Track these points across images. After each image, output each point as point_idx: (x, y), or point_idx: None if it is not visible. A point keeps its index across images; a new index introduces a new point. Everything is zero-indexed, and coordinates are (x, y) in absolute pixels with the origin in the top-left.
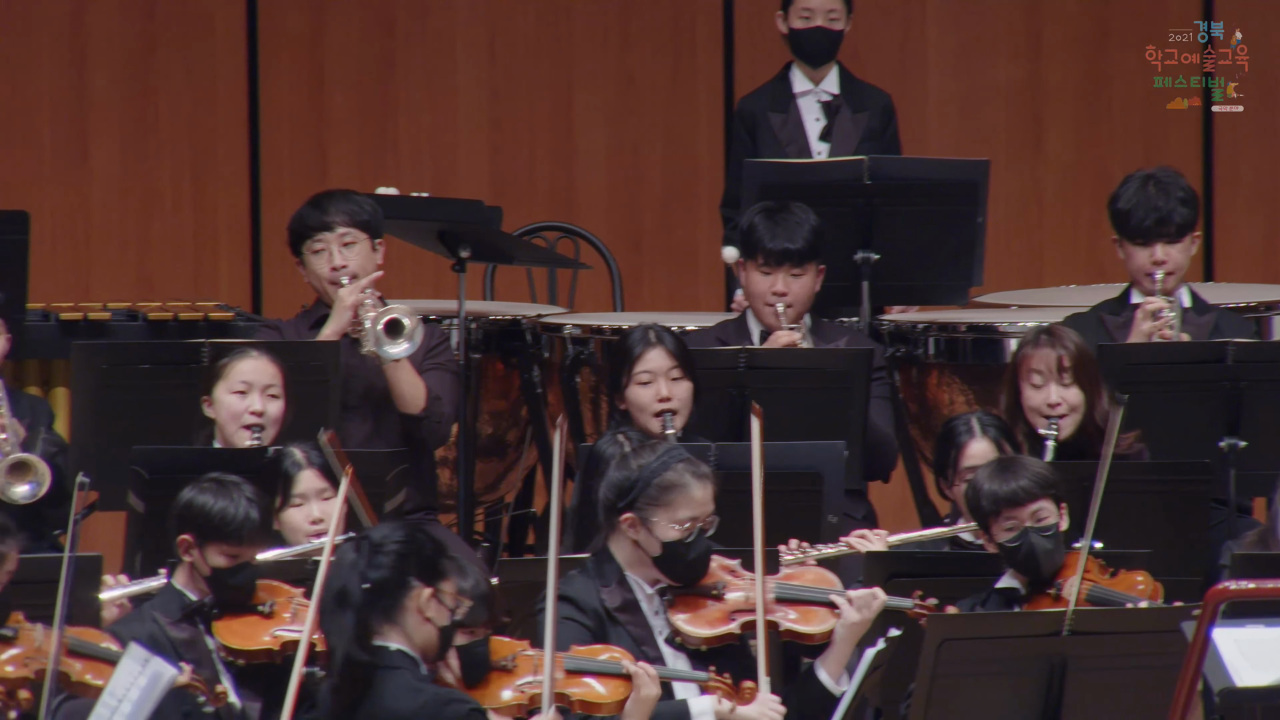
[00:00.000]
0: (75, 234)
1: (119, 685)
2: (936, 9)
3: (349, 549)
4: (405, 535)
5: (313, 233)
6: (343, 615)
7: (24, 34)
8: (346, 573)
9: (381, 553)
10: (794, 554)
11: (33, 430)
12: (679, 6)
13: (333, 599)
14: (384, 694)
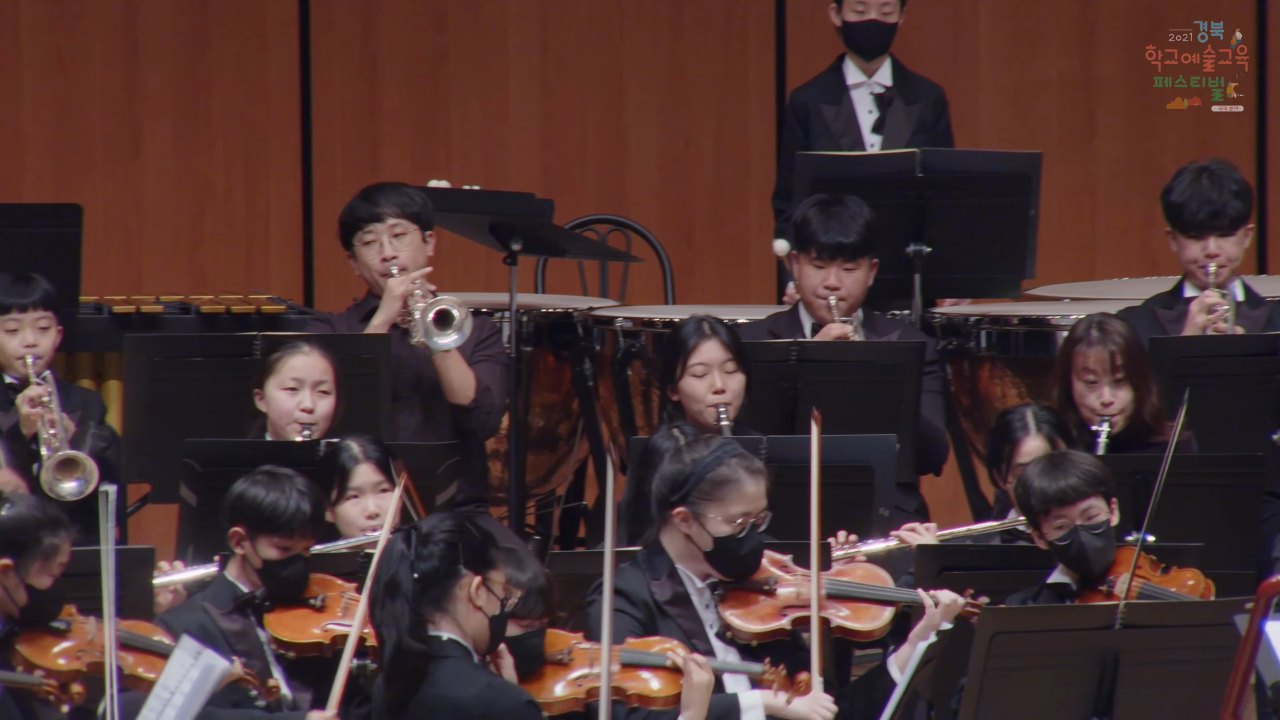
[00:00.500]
0: (128, 227)
1: (171, 678)
2: (989, 1)
3: (398, 540)
4: (453, 525)
5: (363, 224)
6: (394, 605)
7: (77, 28)
8: (397, 563)
9: (430, 543)
10: (842, 548)
11: (83, 425)
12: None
13: (384, 590)
14: (438, 681)
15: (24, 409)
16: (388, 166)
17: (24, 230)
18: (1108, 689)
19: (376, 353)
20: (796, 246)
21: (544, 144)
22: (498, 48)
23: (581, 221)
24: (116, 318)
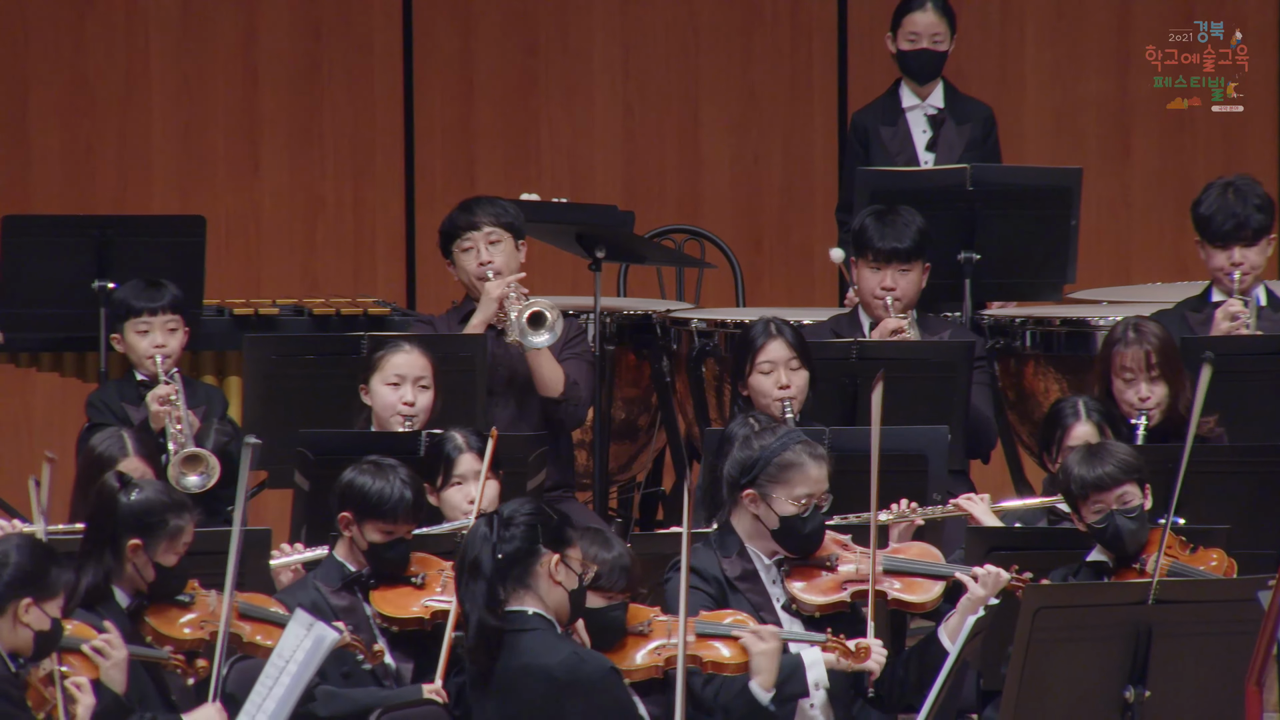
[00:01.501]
0: (247, 236)
1: (286, 647)
2: (1034, 28)
3: (482, 524)
4: (532, 509)
5: (461, 233)
6: (476, 585)
7: (201, 56)
8: (479, 546)
9: (512, 525)
10: (903, 513)
11: (207, 420)
12: (797, 27)
13: (467, 570)
14: (526, 650)
15: (153, 406)
16: (483, 180)
17: (153, 240)
18: (1141, 659)
19: (473, 351)
20: (855, 252)
21: (626, 160)
22: (584, 71)
23: (660, 231)
24: (236, 319)
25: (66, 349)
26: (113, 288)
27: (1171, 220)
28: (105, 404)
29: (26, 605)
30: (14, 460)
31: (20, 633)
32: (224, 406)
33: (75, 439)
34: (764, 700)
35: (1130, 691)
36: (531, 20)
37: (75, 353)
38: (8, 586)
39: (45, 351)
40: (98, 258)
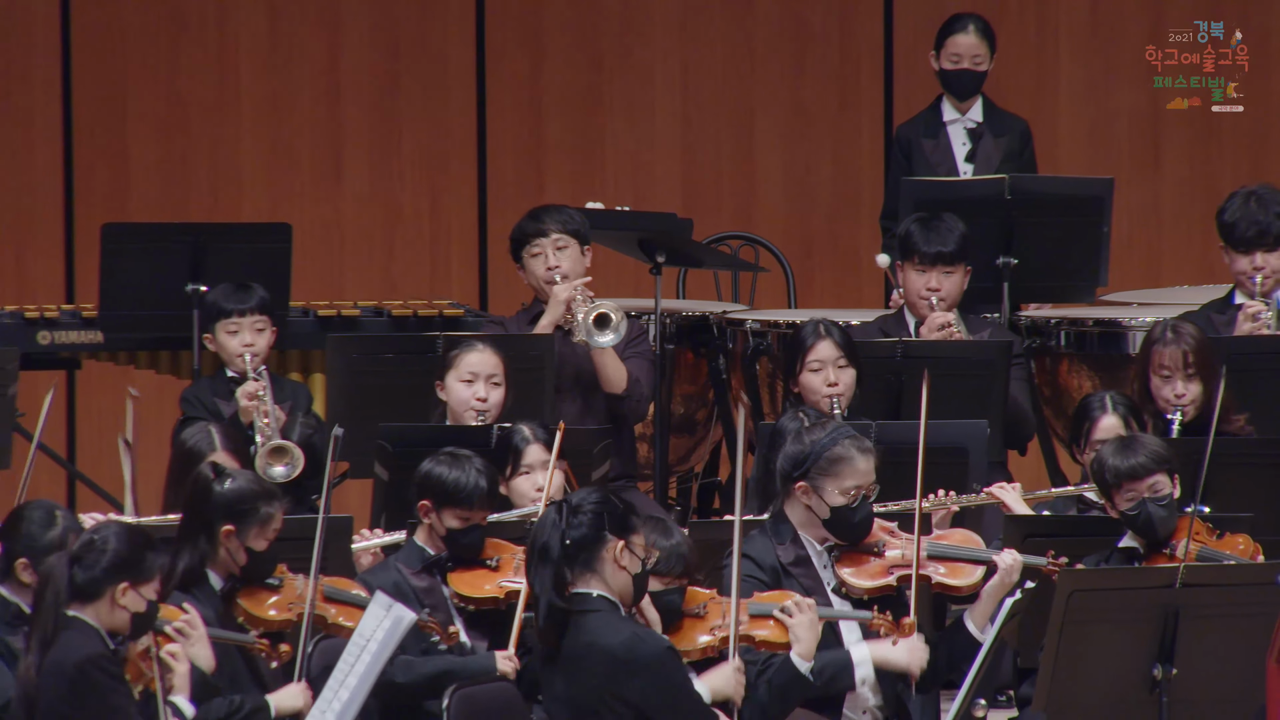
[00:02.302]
0: (330, 242)
1: (367, 627)
2: (1068, 46)
3: (552, 511)
4: (599, 497)
5: (531, 239)
6: (545, 568)
7: (288, 74)
8: (549, 532)
9: (580, 513)
10: (940, 501)
11: (292, 414)
12: (845, 46)
13: (537, 554)
14: (590, 630)
15: (242, 401)
16: (551, 190)
17: (243, 246)
18: (1170, 639)
19: (541, 350)
20: (901, 256)
21: (684, 170)
22: (645, 88)
23: (716, 237)
24: (321, 320)
25: (162, 348)
26: (205, 290)
27: (1198, 227)
28: (198, 399)
29: (124, 589)
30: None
31: (118, 614)
32: (308, 402)
33: (170, 433)
34: (803, 670)
35: (1159, 669)
36: (597, 40)
37: (170, 351)
38: (106, 571)
39: (142, 350)
40: (191, 263)
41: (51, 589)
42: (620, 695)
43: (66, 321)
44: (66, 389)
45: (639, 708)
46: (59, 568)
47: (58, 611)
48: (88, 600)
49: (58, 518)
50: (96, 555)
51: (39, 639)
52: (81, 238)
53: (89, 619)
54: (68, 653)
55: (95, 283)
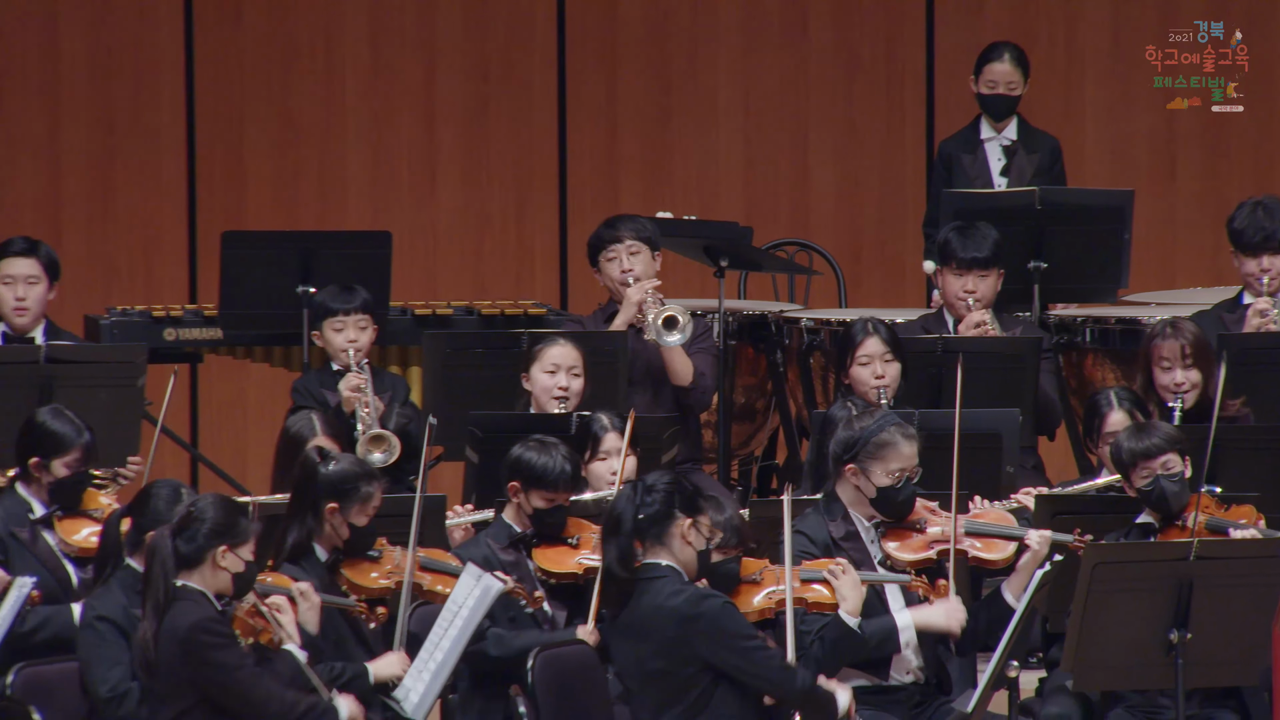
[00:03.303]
0: (426, 248)
1: (459, 595)
2: (1092, 73)
3: (628, 489)
4: (671, 479)
5: (606, 245)
6: (616, 540)
7: (389, 96)
8: (625, 507)
9: (653, 492)
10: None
11: (391, 404)
12: (891, 71)
13: (610, 527)
14: (657, 594)
15: (345, 393)
16: (625, 200)
17: (348, 251)
18: (1184, 606)
19: (616, 345)
20: (940, 261)
21: (745, 183)
22: (710, 108)
23: (774, 243)
24: (417, 318)
25: (275, 343)
26: (313, 292)
27: (1209, 234)
28: (307, 389)
29: (223, 551)
30: (232, 438)
31: (220, 576)
32: (406, 392)
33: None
34: (852, 624)
35: (1174, 634)
36: (666, 66)
37: (282, 347)
38: (205, 538)
39: (258, 345)
40: (301, 266)
41: (159, 561)
42: (689, 649)
43: (190, 320)
44: (190, 381)
45: (706, 659)
46: (163, 540)
47: (167, 581)
48: (193, 567)
49: (183, 495)
50: (196, 525)
51: (153, 607)
52: (203, 244)
53: (196, 584)
54: (179, 619)
55: (216, 284)
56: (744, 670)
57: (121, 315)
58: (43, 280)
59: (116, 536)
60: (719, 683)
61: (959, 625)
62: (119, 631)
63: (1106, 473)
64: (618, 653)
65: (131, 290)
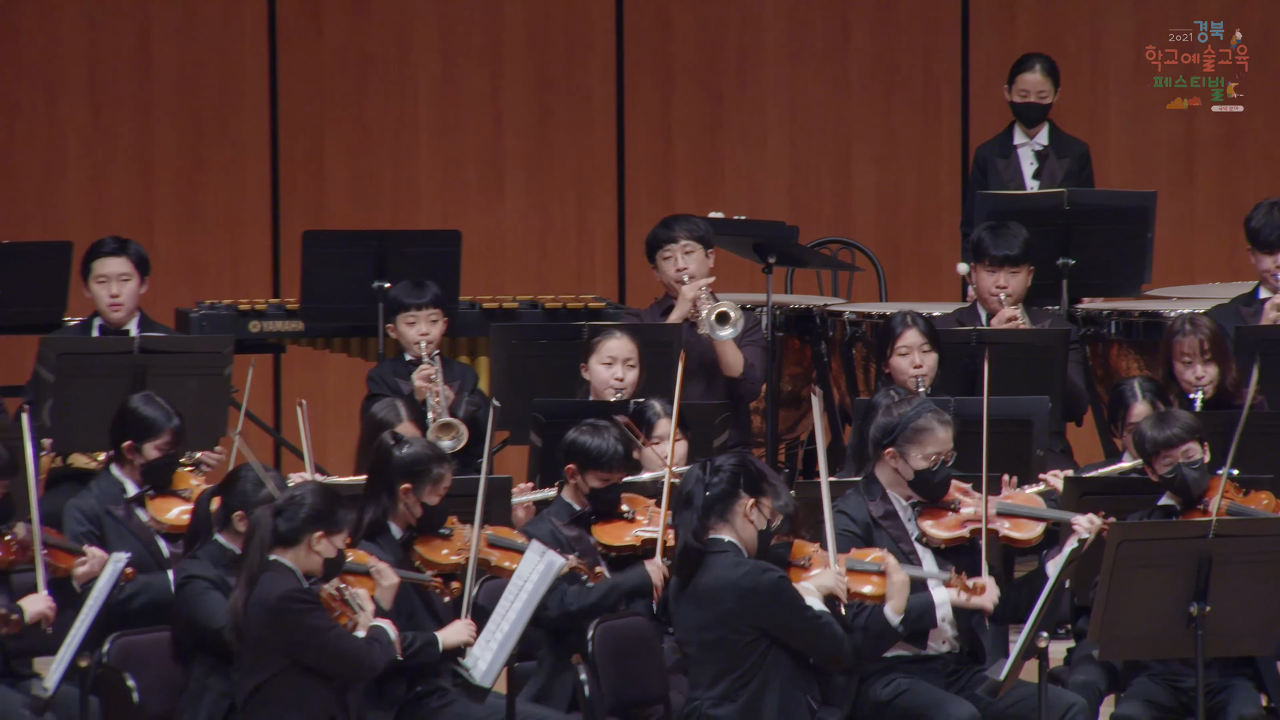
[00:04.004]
0: (493, 246)
1: (524, 570)
2: (1117, 83)
3: (697, 469)
4: (738, 461)
5: (662, 244)
6: (687, 515)
7: (458, 104)
8: (694, 485)
9: (720, 472)
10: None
11: (460, 393)
12: (928, 81)
13: (682, 502)
14: (718, 568)
15: (418, 382)
16: (679, 202)
17: (420, 250)
18: (1203, 581)
19: (670, 337)
20: (974, 258)
21: (791, 185)
22: (758, 116)
23: (819, 242)
24: (485, 312)
25: (352, 335)
26: (388, 287)
27: (1226, 233)
28: (382, 379)
29: (318, 536)
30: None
31: (312, 559)
32: (474, 381)
33: (359, 406)
34: (894, 623)
35: (1194, 607)
36: (717, 78)
37: (359, 338)
38: (304, 522)
39: (336, 337)
40: (377, 264)
41: (258, 536)
42: (747, 619)
43: (273, 313)
44: (273, 370)
45: (764, 628)
46: (264, 518)
47: (262, 555)
48: (288, 546)
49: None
50: (296, 508)
51: (246, 578)
52: (286, 242)
53: (288, 562)
54: (269, 589)
55: (297, 280)
56: (800, 638)
57: (210, 309)
58: (134, 276)
59: (206, 514)
60: (772, 650)
61: (991, 603)
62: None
63: (1130, 457)
64: (679, 621)
65: (219, 286)
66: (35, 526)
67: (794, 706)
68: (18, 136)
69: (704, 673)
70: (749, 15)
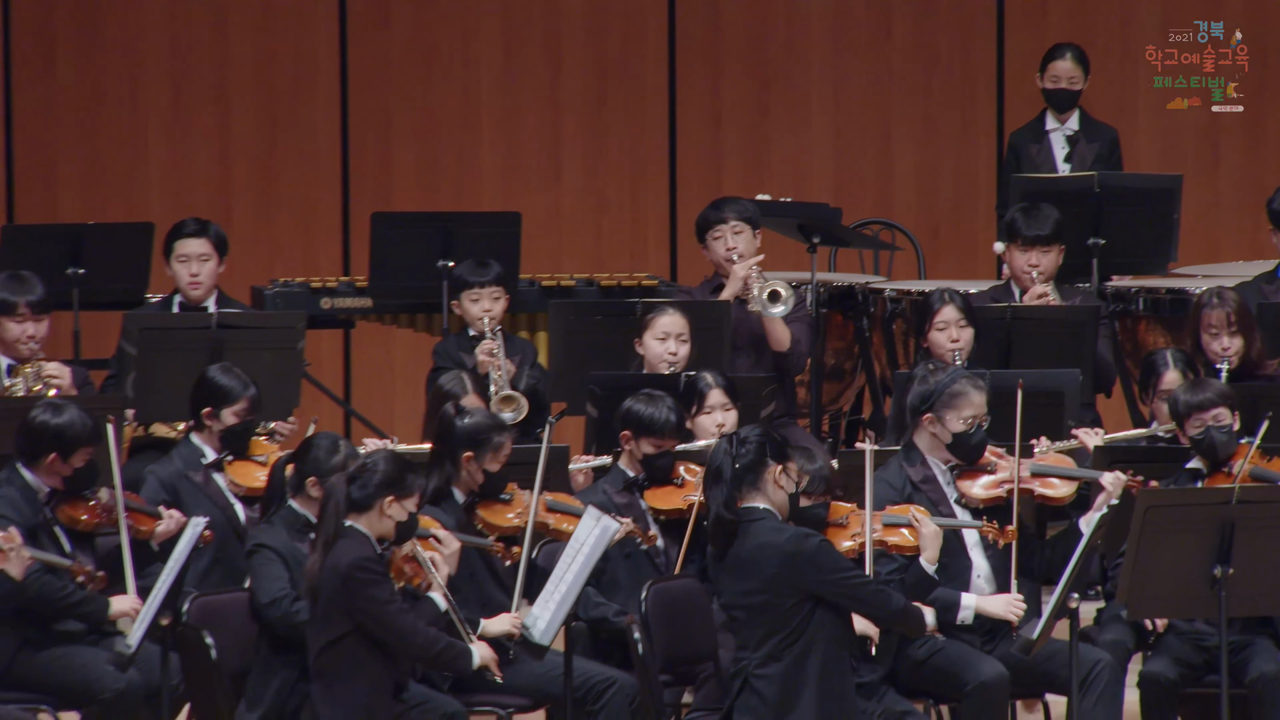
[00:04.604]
0: (551, 227)
1: (581, 534)
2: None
3: (724, 442)
4: (762, 431)
5: (712, 225)
6: (718, 487)
7: (520, 93)
8: (722, 458)
9: (746, 443)
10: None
11: (521, 366)
12: (965, 69)
13: (711, 476)
14: (758, 534)
15: (480, 356)
16: (728, 184)
17: (482, 230)
18: (1227, 544)
19: (720, 314)
20: (1007, 238)
21: (836, 169)
22: (803, 103)
23: (861, 223)
24: (544, 289)
25: (418, 311)
26: (452, 266)
27: (1248, 214)
28: (446, 353)
29: (390, 501)
30: (380, 395)
31: (384, 523)
32: (534, 355)
33: (424, 379)
34: (930, 570)
35: (1218, 569)
36: (765, 66)
37: (425, 314)
38: (376, 488)
39: (403, 313)
40: (442, 244)
41: (333, 503)
42: (791, 583)
43: (343, 290)
44: (344, 345)
45: (808, 590)
46: (339, 485)
47: (337, 521)
48: (361, 511)
49: (340, 446)
50: (369, 475)
51: (322, 543)
52: (355, 224)
53: (362, 528)
54: (342, 556)
55: (366, 259)
56: (846, 597)
57: (283, 286)
58: (213, 257)
59: (281, 480)
60: (816, 612)
61: (1015, 617)
62: (278, 556)
63: (1158, 425)
64: (724, 587)
65: (292, 264)
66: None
67: (837, 666)
68: (103, 124)
69: (750, 635)
70: (795, 7)
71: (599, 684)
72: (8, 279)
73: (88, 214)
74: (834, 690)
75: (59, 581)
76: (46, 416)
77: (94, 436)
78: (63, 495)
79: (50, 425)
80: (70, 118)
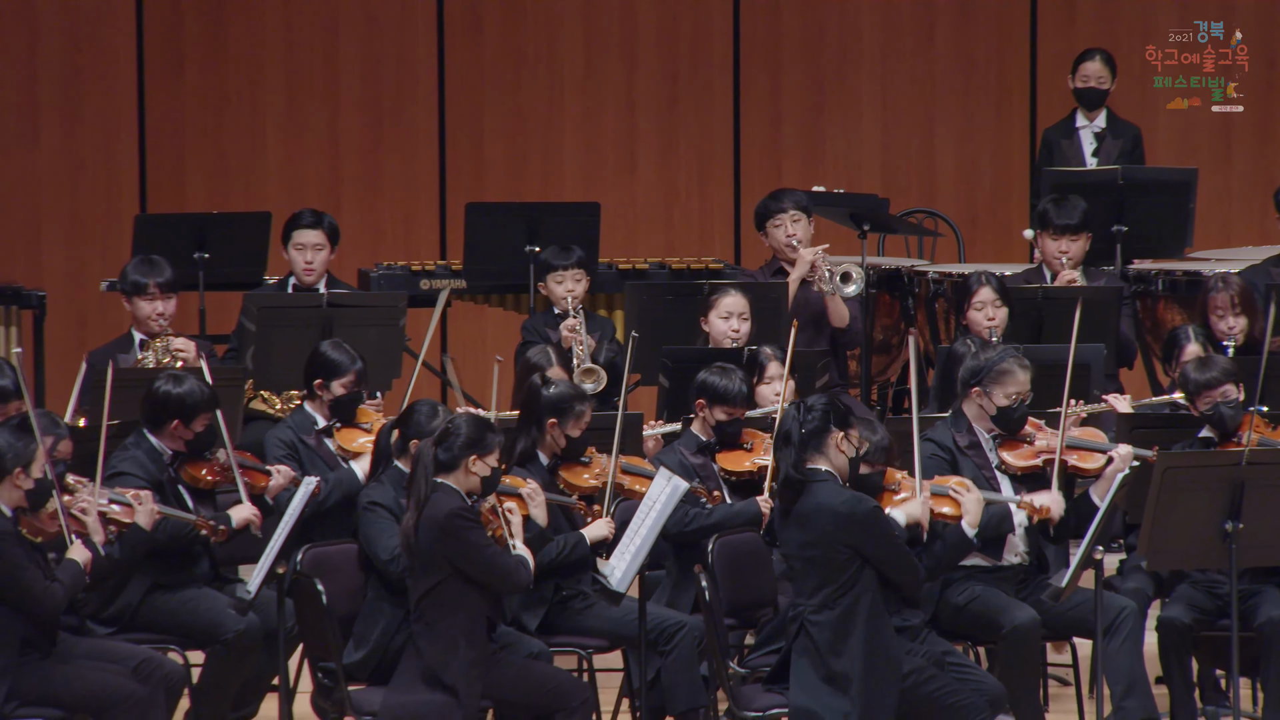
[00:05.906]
0: (627, 216)
1: (653, 493)
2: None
3: (792, 409)
4: (827, 400)
5: (772, 214)
6: (787, 449)
7: (599, 94)
8: (790, 423)
9: (812, 411)
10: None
11: (600, 342)
12: (1002, 72)
13: (781, 439)
14: (820, 494)
15: (564, 333)
16: (787, 177)
17: (565, 219)
18: (1238, 503)
19: (779, 295)
20: (1039, 227)
21: (884, 162)
22: (854, 103)
23: (907, 211)
24: (621, 272)
25: (508, 292)
26: (538, 251)
27: (1258, 204)
28: (534, 329)
29: (473, 460)
30: (473, 368)
31: (470, 479)
32: (612, 332)
33: (513, 352)
34: (970, 535)
35: (1229, 525)
36: (820, 70)
37: (514, 294)
38: (461, 448)
39: (494, 293)
40: (529, 231)
41: (422, 464)
42: (845, 540)
43: (440, 273)
44: (441, 322)
45: (858, 548)
46: (426, 449)
47: (428, 481)
48: (449, 470)
49: (439, 411)
50: (453, 437)
51: (415, 502)
52: (451, 212)
53: (452, 484)
54: (438, 509)
55: (461, 245)
56: (885, 560)
57: (386, 269)
58: (326, 246)
59: (387, 445)
60: (864, 567)
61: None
62: (389, 512)
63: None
64: (785, 539)
65: (394, 249)
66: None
67: (882, 613)
68: (226, 122)
69: (806, 584)
70: (848, 17)
71: (670, 627)
72: (140, 262)
73: (212, 204)
74: (878, 634)
75: (184, 525)
76: (169, 387)
77: (212, 403)
78: (185, 457)
79: (173, 395)
80: (197, 117)
